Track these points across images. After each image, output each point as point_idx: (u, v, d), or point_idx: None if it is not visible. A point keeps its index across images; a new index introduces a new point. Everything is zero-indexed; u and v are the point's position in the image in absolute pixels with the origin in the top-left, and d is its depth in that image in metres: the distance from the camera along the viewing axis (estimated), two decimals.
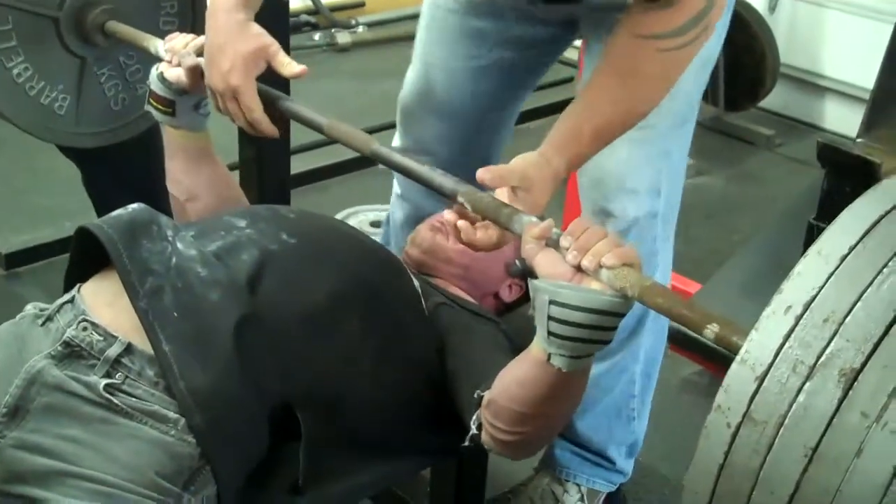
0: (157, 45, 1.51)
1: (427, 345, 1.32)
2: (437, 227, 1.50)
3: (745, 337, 0.81)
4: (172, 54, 1.41)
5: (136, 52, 1.75)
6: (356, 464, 1.29)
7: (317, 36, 4.21)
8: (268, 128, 1.36)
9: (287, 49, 1.88)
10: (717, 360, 1.47)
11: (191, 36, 1.44)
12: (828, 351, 0.77)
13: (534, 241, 1.08)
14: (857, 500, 0.74)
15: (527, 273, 1.08)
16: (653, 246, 1.60)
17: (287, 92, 1.86)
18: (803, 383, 0.77)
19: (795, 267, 0.83)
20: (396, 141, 1.76)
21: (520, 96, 1.70)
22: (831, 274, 0.81)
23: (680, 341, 1.76)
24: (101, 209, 1.98)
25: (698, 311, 0.95)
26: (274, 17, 1.85)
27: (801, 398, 0.77)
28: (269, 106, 1.35)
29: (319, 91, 3.56)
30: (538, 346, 1.08)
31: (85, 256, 1.24)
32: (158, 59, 1.46)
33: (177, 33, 1.47)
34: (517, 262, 1.09)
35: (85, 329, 1.12)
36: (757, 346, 0.80)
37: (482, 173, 1.15)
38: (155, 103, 1.43)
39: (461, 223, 1.18)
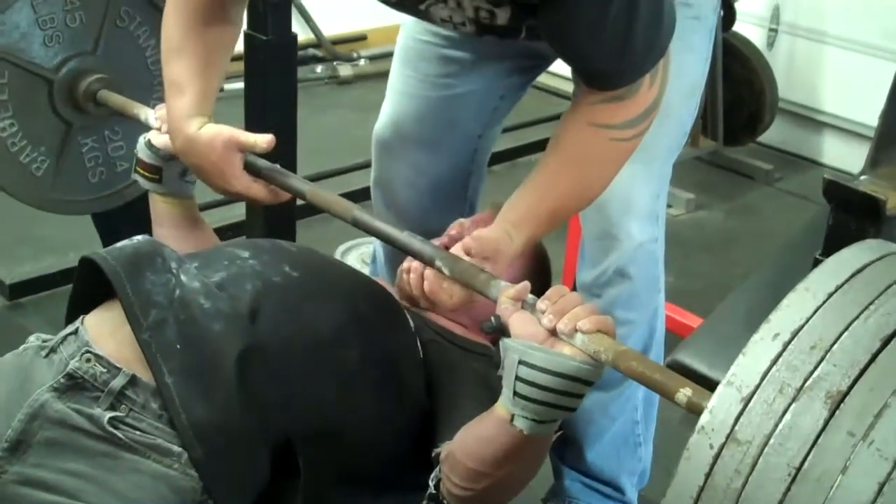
0: (147, 113, 1.55)
1: (420, 384, 1.33)
2: None
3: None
4: (163, 122, 1.44)
5: (122, 128, 1.78)
6: (354, 499, 1.29)
7: (319, 68, 4.24)
8: (282, 199, 1.41)
9: (294, 82, 1.92)
10: None
11: None
12: (815, 374, 0.78)
13: (509, 302, 1.09)
14: None
15: (500, 330, 1.10)
16: (656, 270, 1.64)
17: (294, 130, 1.90)
18: (790, 404, 0.77)
19: (783, 300, 0.84)
20: (372, 176, 1.78)
21: (496, 121, 1.71)
22: (818, 307, 0.83)
23: (682, 374, 1.75)
24: (108, 241, 1.98)
25: (671, 377, 0.98)
26: (283, 51, 1.89)
27: (787, 418, 0.77)
28: (257, 176, 1.39)
29: (322, 123, 3.59)
30: (502, 406, 1.09)
31: (88, 287, 1.25)
32: (146, 130, 1.49)
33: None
34: (492, 318, 1.11)
35: (88, 361, 1.12)
36: (744, 369, 0.81)
37: (469, 242, 1.20)
38: (142, 171, 1.47)
39: (428, 272, 1.21)
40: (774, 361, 0.80)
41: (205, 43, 1.39)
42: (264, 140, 1.36)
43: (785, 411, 0.77)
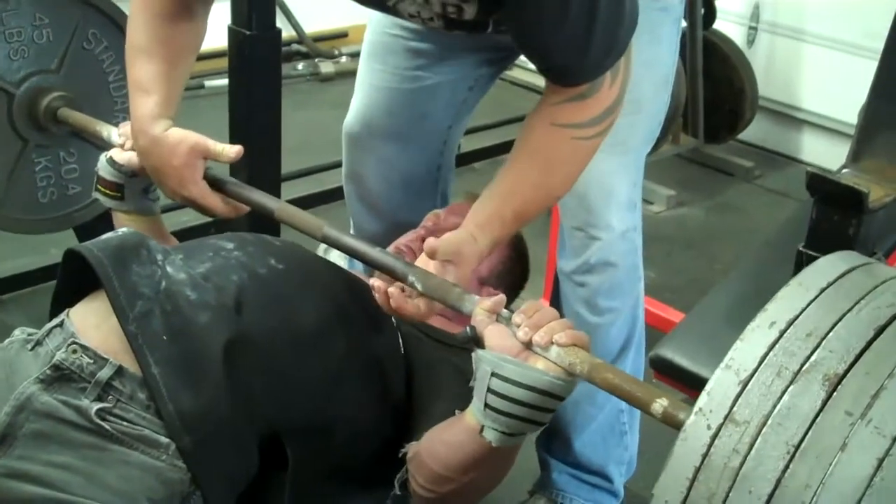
0: (110, 130, 1.53)
1: (402, 379, 1.34)
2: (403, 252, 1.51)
3: (691, 412, 0.83)
4: (126, 138, 1.43)
5: (78, 150, 1.75)
6: (341, 493, 1.29)
7: (300, 65, 4.24)
8: (235, 213, 1.41)
9: (279, 79, 1.92)
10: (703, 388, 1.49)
11: None
12: (812, 359, 0.80)
13: (485, 314, 1.10)
14: (839, 493, 0.75)
15: (475, 341, 1.10)
16: (636, 258, 1.66)
17: (278, 125, 1.89)
18: (788, 386, 0.79)
19: (778, 292, 0.87)
20: (343, 171, 1.78)
21: (464, 112, 1.72)
22: (812, 300, 0.85)
23: (664, 369, 1.77)
24: (84, 239, 1.97)
25: (645, 389, 0.99)
26: (267, 45, 1.89)
27: (785, 399, 0.79)
28: (221, 191, 1.39)
29: (303, 120, 3.58)
30: (472, 416, 1.09)
31: (72, 280, 1.24)
32: (106, 149, 1.47)
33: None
34: (467, 328, 1.11)
35: (75, 352, 1.12)
36: (742, 353, 0.83)
37: (431, 244, 1.19)
38: (103, 189, 1.45)
39: (392, 290, 1.21)
40: (771, 347, 0.82)
41: (171, 46, 1.38)
42: (232, 150, 1.36)
43: (783, 393, 0.79)
